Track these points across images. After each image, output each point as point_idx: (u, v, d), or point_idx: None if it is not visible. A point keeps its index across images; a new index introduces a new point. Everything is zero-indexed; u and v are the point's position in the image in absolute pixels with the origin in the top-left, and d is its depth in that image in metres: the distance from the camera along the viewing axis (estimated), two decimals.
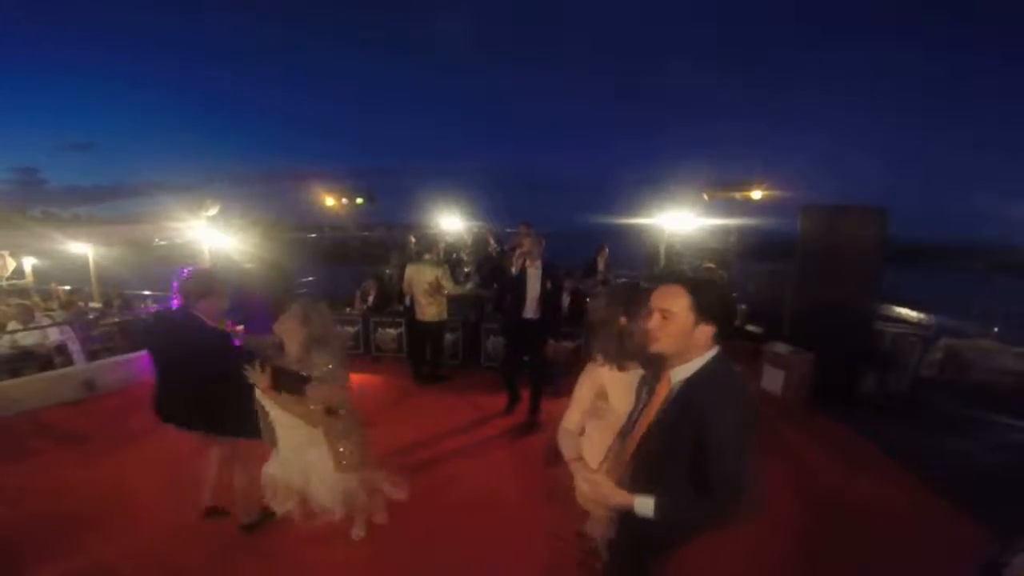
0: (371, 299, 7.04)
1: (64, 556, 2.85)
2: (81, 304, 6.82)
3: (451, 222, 10.56)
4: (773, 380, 5.35)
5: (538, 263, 4.26)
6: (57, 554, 2.86)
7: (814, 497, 3.43)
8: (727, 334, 1.54)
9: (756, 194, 7.21)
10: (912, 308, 6.62)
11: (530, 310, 4.34)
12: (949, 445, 3.95)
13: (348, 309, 7.20)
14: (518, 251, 4.37)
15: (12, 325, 5.32)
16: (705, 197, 7.83)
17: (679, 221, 8.29)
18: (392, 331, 6.65)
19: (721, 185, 7.58)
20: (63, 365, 5.28)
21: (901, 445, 4.02)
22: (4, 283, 6.44)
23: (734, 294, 7.70)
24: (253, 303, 6.35)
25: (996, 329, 6.04)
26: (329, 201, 8.21)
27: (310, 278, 9.26)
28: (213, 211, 6.29)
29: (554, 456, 2.02)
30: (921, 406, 4.94)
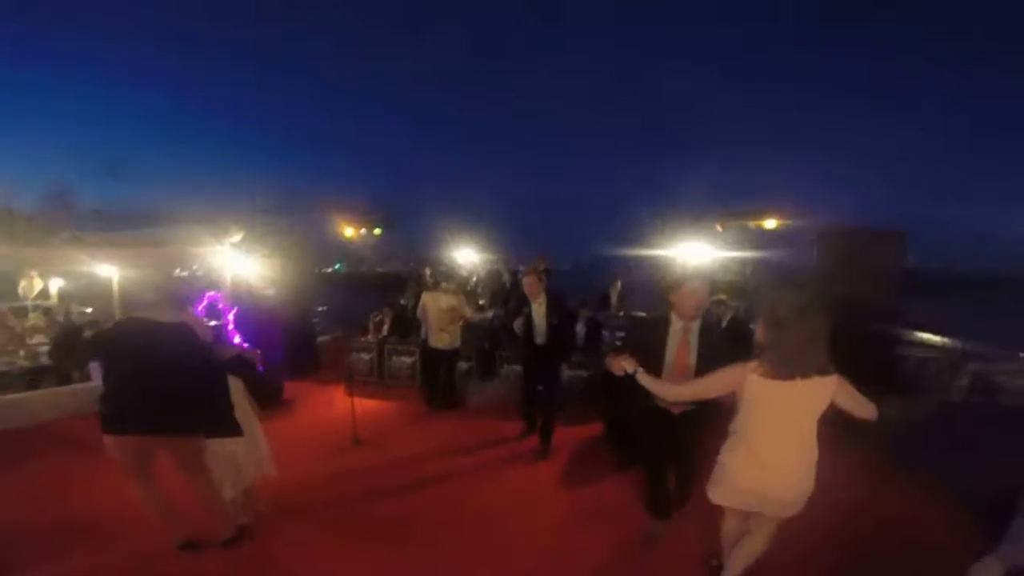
0: (386, 328, 7.07)
1: (58, 560, 2.87)
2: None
3: (465, 255, 10.77)
4: None
5: (542, 298, 4.39)
6: (51, 558, 2.88)
7: (841, 525, 3.26)
8: None
9: (770, 222, 7.23)
10: (936, 334, 6.46)
11: (539, 337, 4.42)
12: (976, 469, 3.79)
13: (363, 337, 7.22)
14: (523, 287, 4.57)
15: (37, 339, 5.43)
16: (719, 227, 7.88)
17: (694, 253, 8.32)
18: (407, 359, 6.62)
19: (734, 214, 7.64)
20: (81, 380, 5.37)
21: (928, 469, 3.95)
22: (30, 303, 6.60)
23: (751, 325, 7.57)
24: (268, 326, 6.45)
25: (1023, 354, 5.84)
26: (348, 231, 8.40)
27: (324, 308, 9.37)
28: (237, 238, 6.44)
29: None
30: (947, 431, 4.75)
